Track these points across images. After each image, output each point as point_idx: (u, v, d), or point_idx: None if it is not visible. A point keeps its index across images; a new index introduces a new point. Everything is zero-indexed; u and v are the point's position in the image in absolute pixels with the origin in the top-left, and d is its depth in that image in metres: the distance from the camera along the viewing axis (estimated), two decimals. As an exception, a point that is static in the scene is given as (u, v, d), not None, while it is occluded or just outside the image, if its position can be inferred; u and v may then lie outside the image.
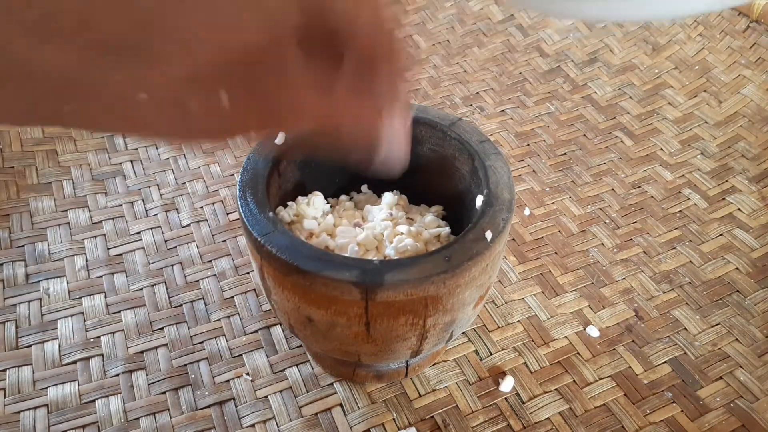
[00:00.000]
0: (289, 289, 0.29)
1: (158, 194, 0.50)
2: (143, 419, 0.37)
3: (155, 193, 0.50)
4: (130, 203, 0.49)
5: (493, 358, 0.40)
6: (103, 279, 0.44)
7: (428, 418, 0.37)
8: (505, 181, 0.31)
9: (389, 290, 0.28)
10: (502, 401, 0.38)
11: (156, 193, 0.50)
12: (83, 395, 0.38)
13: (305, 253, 0.28)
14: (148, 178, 0.51)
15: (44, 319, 0.42)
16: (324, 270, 0.28)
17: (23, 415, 0.37)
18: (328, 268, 0.28)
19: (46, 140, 0.54)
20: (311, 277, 0.28)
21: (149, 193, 0.50)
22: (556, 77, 0.61)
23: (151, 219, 0.48)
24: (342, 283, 0.28)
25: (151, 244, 0.46)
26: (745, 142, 0.55)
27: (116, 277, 0.44)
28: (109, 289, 0.43)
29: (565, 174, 0.52)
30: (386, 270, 0.28)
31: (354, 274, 0.28)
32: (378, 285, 0.27)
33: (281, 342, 0.40)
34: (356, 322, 0.28)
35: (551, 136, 0.55)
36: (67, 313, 0.42)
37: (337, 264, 0.28)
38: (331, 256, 0.29)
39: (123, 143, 0.54)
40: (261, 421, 0.37)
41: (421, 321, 0.29)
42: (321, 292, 0.28)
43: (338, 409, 0.37)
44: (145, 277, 0.44)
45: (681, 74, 0.61)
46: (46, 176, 0.51)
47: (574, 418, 0.37)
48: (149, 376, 0.39)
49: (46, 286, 0.43)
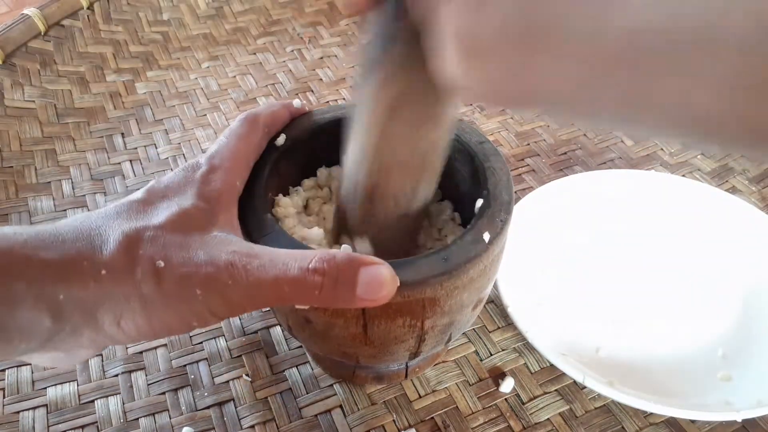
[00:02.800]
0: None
1: (158, 194, 0.50)
2: (142, 419, 0.37)
3: (155, 193, 0.50)
4: (130, 203, 0.49)
5: (493, 359, 0.40)
6: (102, 279, 0.44)
7: (428, 419, 0.37)
8: (504, 182, 0.31)
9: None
10: (502, 402, 0.38)
11: (155, 193, 0.50)
12: (82, 395, 0.38)
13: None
14: (148, 178, 0.51)
15: (43, 319, 0.41)
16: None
17: (22, 415, 0.37)
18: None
19: (45, 140, 0.54)
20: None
21: (149, 192, 0.50)
22: (557, 77, 0.61)
23: (150, 219, 0.48)
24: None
25: (150, 244, 0.46)
26: (746, 142, 0.55)
27: (115, 277, 0.44)
28: (109, 290, 0.43)
29: (566, 174, 0.52)
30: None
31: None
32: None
33: (281, 343, 0.40)
34: (353, 324, 0.28)
35: (551, 135, 0.55)
36: (67, 313, 0.42)
37: None
38: None
39: (122, 143, 0.54)
40: (261, 422, 0.37)
41: (419, 323, 0.29)
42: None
43: (338, 411, 0.37)
44: (145, 277, 0.44)
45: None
46: (45, 176, 0.51)
47: (574, 418, 0.37)
48: (149, 377, 0.39)
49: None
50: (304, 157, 0.36)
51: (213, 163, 0.29)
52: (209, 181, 0.28)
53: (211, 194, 0.27)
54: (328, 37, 0.66)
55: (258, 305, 0.26)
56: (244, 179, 0.30)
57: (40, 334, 0.23)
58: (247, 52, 0.64)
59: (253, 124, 0.32)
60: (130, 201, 0.27)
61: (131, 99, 0.58)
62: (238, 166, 0.30)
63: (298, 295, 0.25)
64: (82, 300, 0.23)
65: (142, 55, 0.62)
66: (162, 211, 0.26)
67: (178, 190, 0.27)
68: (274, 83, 0.60)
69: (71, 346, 0.24)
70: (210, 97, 0.59)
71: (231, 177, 0.29)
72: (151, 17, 0.66)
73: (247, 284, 0.24)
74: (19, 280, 0.22)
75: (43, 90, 0.57)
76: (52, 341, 0.23)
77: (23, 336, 0.22)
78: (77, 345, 0.24)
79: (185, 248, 0.25)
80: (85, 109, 0.57)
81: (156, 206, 0.26)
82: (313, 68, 0.62)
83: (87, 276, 0.23)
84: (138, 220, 0.25)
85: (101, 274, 0.23)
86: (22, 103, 0.56)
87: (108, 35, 0.63)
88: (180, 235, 0.25)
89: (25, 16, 0.59)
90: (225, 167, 0.29)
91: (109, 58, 0.61)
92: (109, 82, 0.60)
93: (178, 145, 0.54)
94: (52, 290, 0.22)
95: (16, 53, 0.58)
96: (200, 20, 0.67)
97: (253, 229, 0.29)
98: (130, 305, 0.24)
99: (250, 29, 0.66)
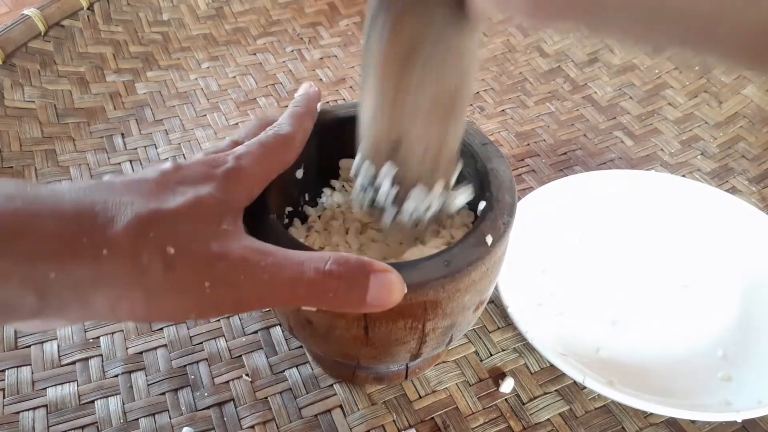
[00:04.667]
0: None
1: (158, 194, 0.50)
2: (142, 420, 0.37)
3: (155, 193, 0.50)
4: (130, 203, 0.49)
5: (494, 359, 0.40)
6: (102, 279, 0.44)
7: (428, 420, 0.37)
8: (507, 184, 0.31)
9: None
10: (502, 402, 0.38)
11: (155, 193, 0.50)
12: (82, 396, 0.38)
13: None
14: (148, 178, 0.51)
15: (44, 319, 0.41)
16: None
17: (22, 416, 0.37)
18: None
19: (45, 140, 0.54)
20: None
21: (149, 193, 0.50)
22: (557, 77, 0.61)
23: (150, 219, 0.48)
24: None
25: (150, 244, 0.46)
26: (746, 142, 0.55)
27: (116, 277, 0.44)
28: (109, 290, 0.43)
29: (566, 174, 0.52)
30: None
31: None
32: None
33: (281, 343, 0.40)
34: (355, 326, 0.28)
35: (551, 136, 0.55)
36: (67, 313, 0.42)
37: None
38: None
39: (122, 143, 0.54)
40: (261, 422, 0.37)
41: (420, 325, 0.29)
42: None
43: (338, 411, 0.37)
44: (145, 277, 0.44)
45: (681, 74, 0.61)
46: (45, 176, 0.51)
47: (574, 419, 0.37)
48: (149, 377, 0.39)
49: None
50: (306, 157, 0.36)
51: (240, 164, 0.27)
52: (231, 179, 0.26)
53: (230, 191, 0.26)
54: (328, 37, 0.66)
55: (266, 305, 0.25)
56: (259, 192, 0.29)
57: (23, 311, 0.21)
58: (247, 52, 0.64)
59: (288, 148, 0.30)
60: (142, 179, 0.25)
61: (131, 99, 0.58)
62: (260, 178, 0.29)
63: (311, 297, 0.24)
64: (75, 280, 0.21)
65: (142, 56, 0.62)
66: (178, 196, 0.24)
67: (197, 180, 0.26)
68: (274, 83, 0.60)
69: (51, 318, 0.23)
70: (210, 98, 0.59)
71: (251, 183, 0.28)
72: (151, 17, 0.66)
73: (260, 282, 0.24)
74: (5, 257, 0.20)
75: (43, 90, 0.57)
76: (33, 318, 0.22)
77: (6, 313, 0.21)
78: (59, 317, 0.23)
79: (198, 239, 0.24)
80: (85, 110, 0.57)
81: (172, 190, 0.25)
82: (313, 68, 0.62)
83: (85, 254, 0.22)
84: (150, 201, 0.24)
85: (102, 253, 0.22)
86: (22, 103, 0.56)
87: (108, 35, 0.63)
88: (194, 225, 0.24)
89: (25, 16, 0.59)
90: (250, 174, 0.27)
91: (109, 58, 0.61)
92: (109, 82, 0.60)
93: (178, 145, 0.54)
94: (43, 267, 0.21)
95: (16, 53, 0.58)
96: (200, 20, 0.67)
97: (258, 229, 0.29)
98: (129, 291, 0.22)
99: (250, 29, 0.66)
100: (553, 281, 0.43)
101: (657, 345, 0.40)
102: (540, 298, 0.42)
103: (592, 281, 0.43)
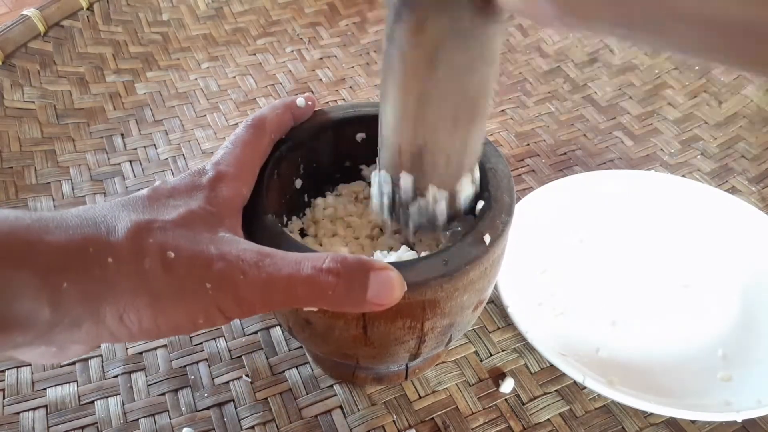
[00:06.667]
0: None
1: (157, 195, 0.50)
2: (142, 420, 0.37)
3: (154, 194, 0.50)
4: (130, 204, 0.49)
5: (494, 359, 0.40)
6: (102, 280, 0.44)
7: (428, 420, 0.37)
8: (505, 184, 0.31)
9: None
10: (502, 402, 0.38)
11: (155, 194, 0.50)
12: (82, 396, 0.38)
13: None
14: (147, 179, 0.51)
15: (43, 320, 0.41)
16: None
17: (22, 416, 0.37)
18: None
19: (45, 140, 0.54)
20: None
21: (148, 193, 0.50)
22: (556, 77, 0.61)
23: (150, 219, 0.48)
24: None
25: (150, 244, 0.46)
26: (745, 142, 0.55)
27: (115, 277, 0.44)
28: (109, 290, 0.43)
29: (565, 174, 0.52)
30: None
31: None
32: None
33: (281, 343, 0.40)
34: (354, 326, 0.28)
35: (551, 136, 0.55)
36: (67, 314, 0.42)
37: None
38: None
39: (122, 143, 0.54)
40: (261, 423, 0.37)
41: (419, 324, 0.29)
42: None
43: (338, 411, 0.37)
44: (145, 277, 0.44)
45: (681, 75, 0.61)
46: (44, 176, 0.51)
47: (574, 419, 0.37)
48: (148, 377, 0.39)
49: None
50: (305, 158, 0.36)
51: (219, 170, 0.28)
52: (216, 187, 0.28)
53: (218, 200, 0.27)
54: (328, 37, 0.66)
55: (268, 305, 0.25)
56: (251, 186, 0.30)
57: (38, 326, 0.22)
58: (246, 52, 0.64)
59: (259, 130, 0.31)
60: (135, 197, 0.26)
61: (131, 99, 0.58)
62: (244, 174, 0.30)
63: (311, 296, 0.25)
64: (85, 289, 0.22)
65: (141, 56, 0.62)
66: (170, 208, 0.26)
67: (184, 194, 0.27)
68: (273, 84, 0.60)
69: (66, 340, 0.24)
70: (210, 98, 0.59)
71: (238, 184, 0.29)
72: (151, 18, 0.66)
73: (259, 281, 0.24)
74: (20, 268, 0.21)
75: (43, 90, 0.57)
76: (49, 333, 0.22)
77: (22, 328, 0.22)
78: (72, 339, 0.24)
79: (196, 242, 0.24)
80: (85, 110, 0.57)
81: (163, 204, 0.26)
82: (313, 69, 0.62)
83: (92, 263, 0.23)
84: (146, 213, 0.25)
85: (107, 261, 0.23)
86: (21, 103, 0.56)
87: (108, 36, 0.63)
88: (190, 231, 0.25)
89: (25, 16, 0.59)
90: (231, 174, 0.28)
91: (108, 58, 0.61)
92: (109, 82, 0.60)
93: (178, 145, 0.54)
94: (54, 279, 0.22)
95: (15, 54, 0.58)
96: (200, 21, 0.67)
97: (256, 230, 0.29)
98: (135, 297, 0.23)
99: (250, 30, 0.66)
100: (553, 281, 0.43)
101: (657, 345, 0.40)
102: (540, 298, 0.42)
103: (592, 281, 0.43)
